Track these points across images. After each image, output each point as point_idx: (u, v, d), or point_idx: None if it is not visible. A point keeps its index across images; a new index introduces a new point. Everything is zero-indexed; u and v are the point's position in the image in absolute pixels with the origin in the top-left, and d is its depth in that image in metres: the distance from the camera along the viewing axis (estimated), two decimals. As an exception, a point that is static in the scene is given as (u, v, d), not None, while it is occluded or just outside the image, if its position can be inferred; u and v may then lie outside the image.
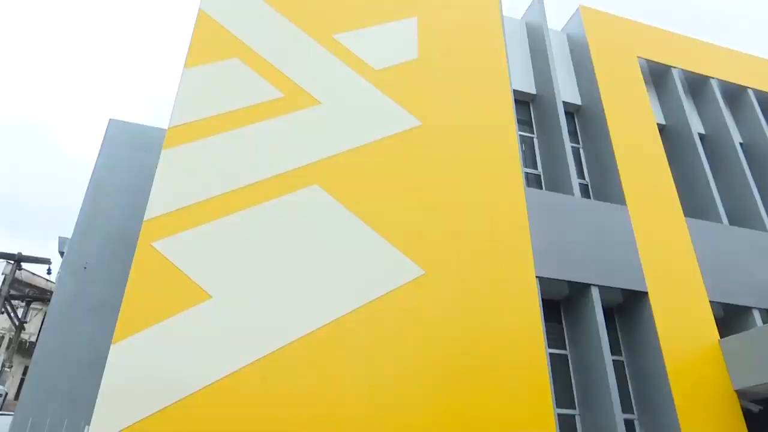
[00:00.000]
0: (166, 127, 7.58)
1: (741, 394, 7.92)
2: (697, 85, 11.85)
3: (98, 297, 9.49)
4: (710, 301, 8.66)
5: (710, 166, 10.73)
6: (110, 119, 11.62)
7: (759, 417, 8.04)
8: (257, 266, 6.76)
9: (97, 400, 5.53)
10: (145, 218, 6.60)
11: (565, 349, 8.26)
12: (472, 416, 6.58)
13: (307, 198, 7.41)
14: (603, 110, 10.05)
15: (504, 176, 8.56)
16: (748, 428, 7.73)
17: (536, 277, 7.83)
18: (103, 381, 5.62)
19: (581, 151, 10.31)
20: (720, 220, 9.72)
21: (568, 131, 10.01)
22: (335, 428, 6.06)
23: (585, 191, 9.81)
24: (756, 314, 8.85)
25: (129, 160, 10.97)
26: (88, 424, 5.59)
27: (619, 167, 9.44)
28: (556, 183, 9.36)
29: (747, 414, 7.94)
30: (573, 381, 7.99)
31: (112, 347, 5.80)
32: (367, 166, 7.91)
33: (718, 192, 10.33)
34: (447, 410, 6.54)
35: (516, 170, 8.69)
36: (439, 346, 6.89)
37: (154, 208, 6.70)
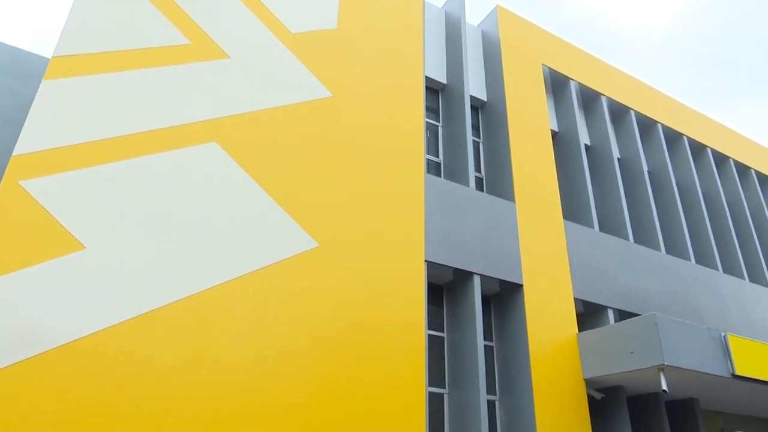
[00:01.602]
0: (48, 55, 6.80)
1: (589, 383, 8.82)
2: (589, 99, 12.78)
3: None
4: (575, 298, 9.50)
5: (590, 176, 11.68)
6: (-19, 37, 10.22)
7: (600, 404, 9.02)
8: (140, 220, 6.35)
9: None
10: (14, 153, 5.93)
11: (443, 331, 8.67)
12: (351, 390, 6.72)
13: (203, 155, 7.06)
14: (505, 109, 10.54)
15: (406, 160, 8.71)
16: (590, 413, 8.63)
17: (425, 261, 8.10)
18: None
19: (481, 145, 10.75)
20: (592, 226, 10.64)
21: (472, 125, 10.39)
22: (212, 398, 5.91)
23: (480, 184, 10.27)
24: (610, 313, 9.84)
25: (1, 86, 9.75)
26: None
27: (513, 165, 9.98)
28: (455, 173, 9.71)
29: (591, 400, 8.86)
30: (446, 362, 8.42)
31: (-41, 292, 5.18)
32: (270, 131, 7.68)
33: (594, 200, 11.30)
34: (327, 382, 6.62)
35: (419, 156, 8.88)
36: (324, 319, 6.93)
37: (26, 143, 6.03)
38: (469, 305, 8.44)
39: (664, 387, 7.90)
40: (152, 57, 7.24)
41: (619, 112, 13.14)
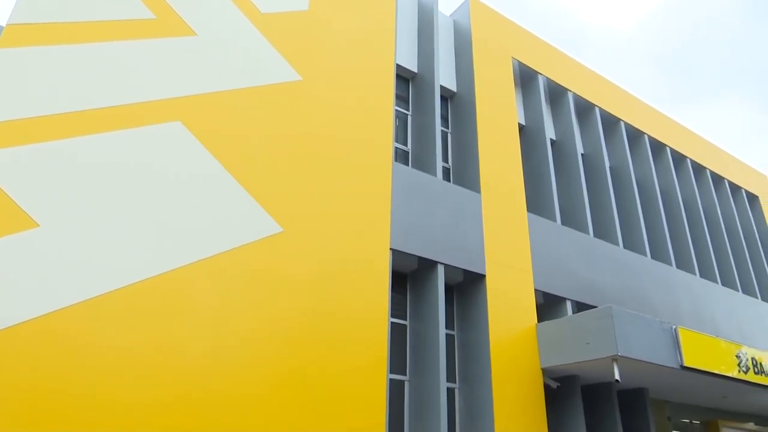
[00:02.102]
0: (2, 23, 6.47)
1: (545, 372, 9.04)
2: (556, 94, 12.98)
3: None
4: (535, 290, 9.69)
5: (555, 170, 11.89)
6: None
7: (556, 392, 9.26)
8: (99, 199, 6.14)
9: None
10: (-37, 124, 5.64)
11: (406, 319, 8.73)
12: (312, 376, 6.70)
13: (166, 134, 6.87)
14: (474, 101, 10.59)
15: (374, 147, 8.67)
16: (546, 401, 8.86)
17: (390, 249, 8.12)
18: None
19: (449, 135, 10.80)
20: (555, 219, 10.86)
21: (441, 115, 10.41)
22: (170, 384, 5.80)
23: (446, 174, 10.33)
24: (569, 305, 10.09)
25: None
26: None
27: (480, 157, 10.06)
28: (422, 162, 9.73)
29: (547, 389, 9.09)
30: (408, 349, 8.49)
31: None
32: (237, 112, 7.52)
33: (557, 194, 11.52)
34: (289, 369, 6.58)
35: (387, 143, 8.85)
36: (287, 305, 6.88)
37: (-24, 115, 5.74)
38: (433, 294, 8.51)
39: (617, 377, 8.16)
40: (115, 30, 6.97)
41: (585, 109, 13.39)
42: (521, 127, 11.91)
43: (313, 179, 7.78)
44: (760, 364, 9.94)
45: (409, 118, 10.37)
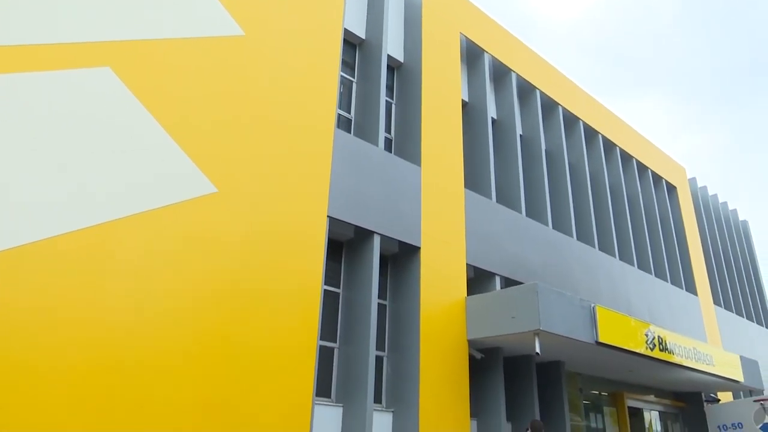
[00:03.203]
0: None
1: (471, 343, 9.37)
2: (500, 74, 13.15)
3: None
4: (467, 264, 9.94)
5: (493, 149, 12.13)
6: None
7: (480, 363, 9.63)
8: (18, 145, 5.68)
9: None
10: None
11: (339, 287, 8.74)
12: (241, 340, 6.60)
13: (94, 79, 6.41)
14: (421, 73, 10.55)
15: (317, 112, 8.49)
16: (470, 371, 9.20)
17: (327, 216, 8.05)
18: None
19: (393, 106, 10.74)
20: (490, 197, 11.12)
21: (386, 85, 10.31)
22: (92, 340, 5.54)
23: (388, 145, 10.30)
24: (497, 280, 10.44)
25: None
26: None
27: (422, 130, 10.08)
28: (365, 131, 9.64)
29: (471, 359, 9.43)
30: (339, 317, 8.53)
31: None
32: (172, 63, 7.12)
33: (495, 172, 11.78)
34: (217, 331, 6.45)
35: (330, 109, 8.69)
36: (219, 267, 6.70)
37: None
38: (367, 264, 8.55)
39: (538, 350, 8.58)
40: (39, -40, 6.36)
41: (526, 91, 13.66)
42: (464, 104, 12.02)
43: (251, 140, 7.54)
44: (665, 342, 10.73)
45: (354, 85, 10.21)
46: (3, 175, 5.52)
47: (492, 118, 12.56)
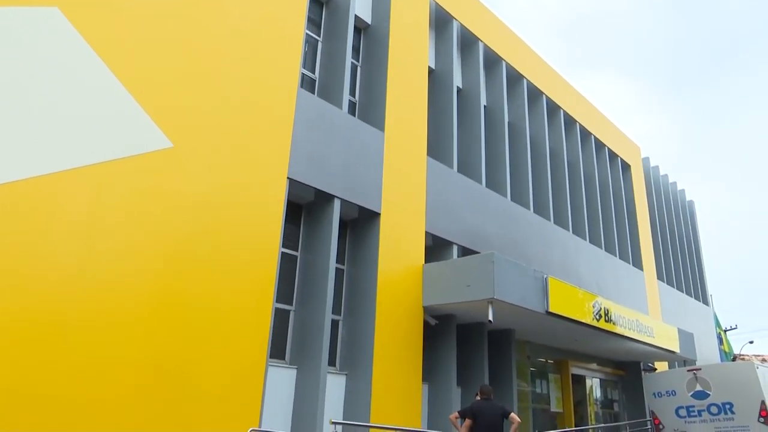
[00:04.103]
0: None
1: (426, 310, 9.50)
2: (467, 43, 13.03)
3: None
4: (426, 232, 10.00)
5: (457, 118, 12.10)
6: None
7: (434, 329, 9.80)
8: (-49, 85, 5.27)
9: None
10: None
11: (297, 251, 8.65)
12: (194, 299, 6.47)
13: (40, 19, 5.97)
14: (388, 37, 10.33)
15: (280, 69, 8.22)
16: (424, 336, 9.35)
17: (287, 178, 7.89)
18: None
19: (359, 69, 10.51)
20: (452, 166, 11.14)
21: (352, 46, 10.06)
22: (34, 297, 5.31)
23: (352, 108, 10.12)
24: (455, 248, 10.56)
25: None
26: None
27: (387, 95, 9.93)
28: (329, 93, 9.42)
29: (426, 325, 9.58)
30: (296, 281, 8.47)
31: None
32: (129, 7, 6.71)
33: (457, 142, 11.78)
34: (168, 290, 6.29)
35: (294, 67, 8.43)
36: (172, 224, 6.50)
37: None
38: (326, 228, 8.48)
39: (491, 318, 8.78)
40: None
41: (492, 61, 13.61)
42: (430, 71, 11.89)
43: (210, 95, 7.24)
44: (610, 313, 11.18)
45: (320, 44, 9.92)
46: (-63, 117, 5.13)
47: (457, 87, 12.50)
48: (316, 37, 9.90)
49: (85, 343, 5.57)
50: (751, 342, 42.95)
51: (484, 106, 13.08)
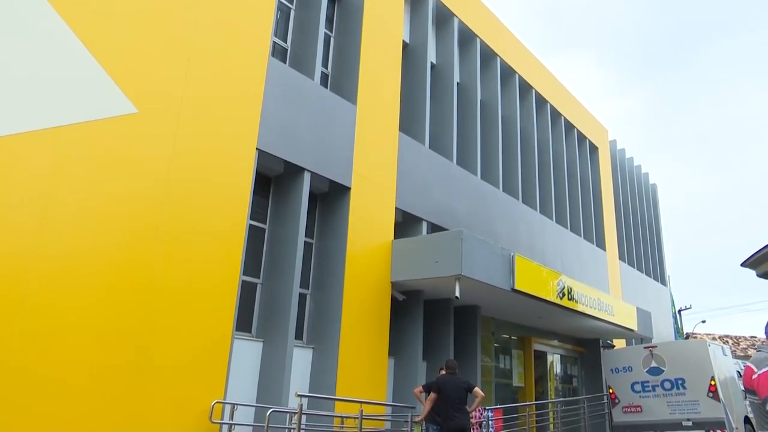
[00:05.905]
0: None
1: (394, 285, 9.54)
2: (442, 18, 12.89)
3: None
4: (396, 208, 9.99)
5: (430, 95, 12.03)
6: None
7: (401, 304, 9.86)
8: None
9: None
10: None
11: (265, 223, 8.54)
12: (157, 272, 6.32)
13: (-5, -27, 5.62)
14: (363, 8, 10.13)
15: (251, 37, 7.98)
16: (391, 311, 9.41)
17: (257, 149, 7.73)
18: None
19: (332, 39, 10.30)
20: (423, 143, 11.10)
21: (326, 16, 9.84)
22: (-19, 260, 5.09)
23: (324, 80, 9.93)
24: (424, 225, 10.60)
25: None
26: None
27: (360, 68, 9.78)
28: (301, 63, 9.22)
29: (393, 301, 9.64)
30: (264, 254, 8.37)
31: None
32: (91, -35, 6.37)
33: (429, 118, 11.73)
34: (130, 260, 6.13)
35: (265, 36, 8.20)
36: (135, 195, 6.30)
37: None
38: (296, 201, 8.38)
39: (457, 294, 8.87)
40: None
41: (467, 38, 13.53)
42: (404, 45, 11.74)
43: (178, 61, 6.99)
44: (573, 291, 11.44)
45: (292, 12, 9.66)
46: None
47: (431, 62, 12.39)
48: (289, 5, 9.63)
49: (43, 308, 5.39)
50: (704, 321, 44.91)
51: (457, 83, 13.03)
